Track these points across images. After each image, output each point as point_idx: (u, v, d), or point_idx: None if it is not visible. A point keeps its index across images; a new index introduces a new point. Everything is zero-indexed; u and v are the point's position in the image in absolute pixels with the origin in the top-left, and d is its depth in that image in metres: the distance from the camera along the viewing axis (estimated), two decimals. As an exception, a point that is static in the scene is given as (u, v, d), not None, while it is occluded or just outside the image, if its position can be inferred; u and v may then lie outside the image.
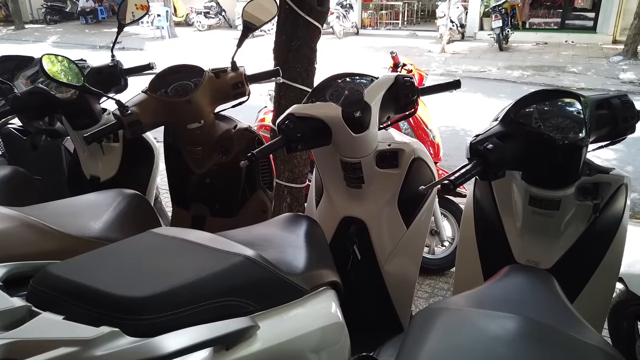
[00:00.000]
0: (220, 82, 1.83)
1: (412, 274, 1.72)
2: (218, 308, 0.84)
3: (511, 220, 1.45)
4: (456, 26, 13.58)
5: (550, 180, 1.29)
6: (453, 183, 1.17)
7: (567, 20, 14.30)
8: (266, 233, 1.24)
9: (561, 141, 1.21)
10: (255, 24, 1.86)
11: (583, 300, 1.40)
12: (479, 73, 9.76)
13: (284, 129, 1.46)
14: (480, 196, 1.55)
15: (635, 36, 10.43)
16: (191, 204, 2.02)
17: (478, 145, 1.23)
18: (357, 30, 15.96)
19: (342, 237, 1.70)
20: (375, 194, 1.64)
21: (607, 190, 1.35)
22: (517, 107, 1.31)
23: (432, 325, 0.77)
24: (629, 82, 8.66)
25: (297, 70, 2.26)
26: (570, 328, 0.82)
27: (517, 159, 1.25)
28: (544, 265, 1.40)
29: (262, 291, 0.94)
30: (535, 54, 11.77)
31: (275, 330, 0.92)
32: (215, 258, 0.92)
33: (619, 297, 1.78)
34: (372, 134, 1.52)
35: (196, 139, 1.84)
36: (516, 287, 1.00)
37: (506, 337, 0.72)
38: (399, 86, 1.55)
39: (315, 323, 1.04)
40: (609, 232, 1.38)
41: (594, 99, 1.30)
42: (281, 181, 2.43)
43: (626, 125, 1.30)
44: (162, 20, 14.88)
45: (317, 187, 1.82)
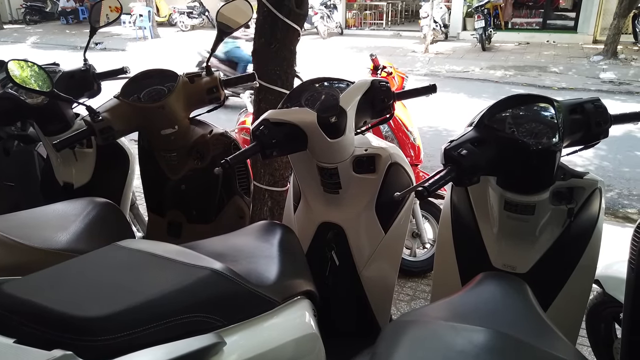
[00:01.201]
0: (195, 86, 1.80)
1: (391, 278, 1.71)
2: (183, 325, 0.81)
3: (487, 225, 1.45)
4: (439, 26, 13.66)
5: (524, 186, 1.29)
6: (427, 190, 1.16)
7: (549, 20, 14.49)
8: (238, 243, 1.21)
9: (535, 146, 1.21)
10: (231, 27, 1.83)
11: (559, 303, 1.40)
12: (462, 73, 9.82)
13: (258, 135, 1.43)
14: (457, 201, 1.54)
15: (614, 36, 10.59)
16: (167, 211, 1.99)
17: (452, 151, 1.22)
18: (342, 30, 15.97)
19: (320, 243, 1.68)
20: (352, 199, 1.63)
21: (581, 194, 1.35)
22: (491, 113, 1.31)
23: (399, 340, 0.75)
24: (609, 82, 8.78)
25: (276, 73, 2.24)
26: (540, 340, 0.81)
27: (492, 164, 1.25)
28: (520, 270, 1.40)
29: (230, 305, 0.91)
30: (518, 54, 11.89)
31: (244, 345, 0.90)
32: (180, 272, 0.89)
33: (596, 300, 1.79)
34: (348, 139, 1.51)
35: (171, 144, 1.81)
36: (489, 296, 0.99)
37: (473, 351, 0.70)
38: (375, 91, 1.53)
39: (288, 335, 1.02)
40: (584, 236, 1.38)
41: (567, 104, 1.30)
42: (262, 185, 2.40)
43: (599, 130, 1.30)
44: (144, 20, 14.72)
45: (294, 192, 1.80)
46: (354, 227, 1.65)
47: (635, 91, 8.15)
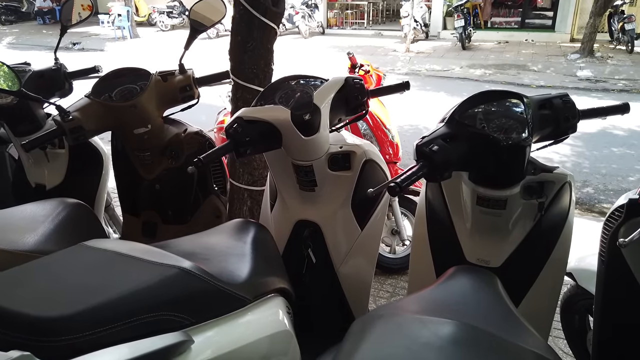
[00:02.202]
0: (168, 85, 1.78)
1: (368, 275, 1.72)
2: (149, 324, 0.80)
3: (461, 220, 1.46)
4: (420, 26, 13.76)
5: (496, 180, 1.30)
6: (399, 185, 1.16)
7: (527, 19, 14.70)
8: (210, 242, 1.20)
9: (505, 141, 1.22)
10: (204, 24, 1.81)
11: (532, 296, 1.42)
12: (442, 72, 9.91)
13: (232, 133, 1.42)
14: (432, 197, 1.55)
15: (591, 34, 10.79)
16: (142, 211, 1.96)
17: (424, 147, 1.22)
18: (323, 29, 15.98)
19: (297, 241, 1.67)
20: (328, 197, 1.63)
21: (551, 188, 1.37)
22: (462, 109, 1.31)
23: (365, 334, 0.75)
24: (585, 80, 8.94)
25: (253, 72, 2.23)
26: (508, 332, 0.81)
27: (463, 159, 1.25)
28: (494, 264, 1.42)
29: (199, 303, 0.90)
30: (497, 53, 12.04)
31: (213, 343, 0.89)
32: (147, 271, 0.88)
33: (569, 292, 1.82)
34: (323, 136, 1.50)
35: (144, 144, 1.79)
36: (459, 289, 0.99)
37: (438, 343, 0.71)
38: (349, 88, 1.53)
39: (260, 333, 1.01)
40: (555, 230, 1.40)
41: (537, 100, 1.32)
42: (241, 184, 2.39)
43: (568, 125, 1.31)
44: (123, 20, 14.54)
45: (271, 191, 1.79)
46: (331, 225, 1.65)
47: (611, 88, 8.31)
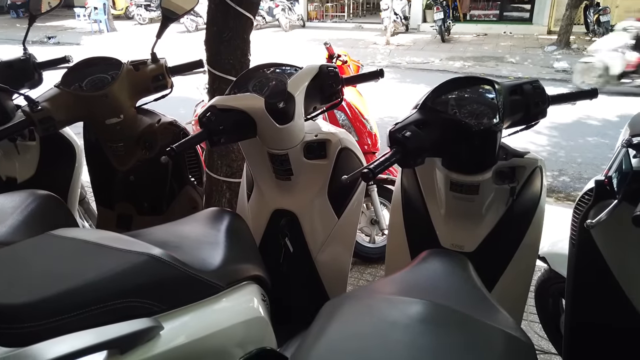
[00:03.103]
0: (140, 74, 1.75)
1: (345, 262, 1.72)
2: (116, 311, 0.79)
3: (435, 206, 1.47)
4: (400, 18, 13.81)
5: (468, 166, 1.31)
6: (372, 171, 1.16)
7: (505, 12, 14.86)
8: (184, 230, 1.19)
9: (476, 127, 1.23)
10: (176, 13, 1.79)
11: (506, 280, 1.44)
12: (422, 64, 9.97)
13: (205, 122, 1.41)
14: (407, 184, 1.56)
15: (567, 26, 10.97)
16: (116, 203, 1.93)
17: (397, 134, 1.23)
18: (304, 22, 15.92)
19: (274, 230, 1.67)
20: (304, 185, 1.62)
21: (522, 173, 1.39)
22: (434, 95, 1.32)
23: (336, 315, 0.76)
24: (562, 71, 9.08)
25: (230, 62, 2.21)
26: (478, 311, 0.82)
27: (436, 145, 1.26)
28: (468, 249, 1.43)
29: (169, 290, 0.90)
30: (476, 45, 12.15)
31: (184, 329, 0.89)
32: (115, 258, 0.87)
33: (543, 276, 1.85)
34: (298, 124, 1.50)
35: (117, 134, 1.76)
36: (430, 272, 1.00)
37: (404, 321, 0.71)
38: (324, 76, 1.53)
39: (233, 319, 1.01)
40: (527, 214, 1.42)
41: (507, 85, 1.33)
42: (219, 176, 2.37)
43: (537, 110, 1.33)
44: (99, 13, 14.28)
45: (247, 180, 1.78)
46: (307, 213, 1.65)
47: (586, 80, 8.47)
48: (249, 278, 1.15)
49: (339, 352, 0.64)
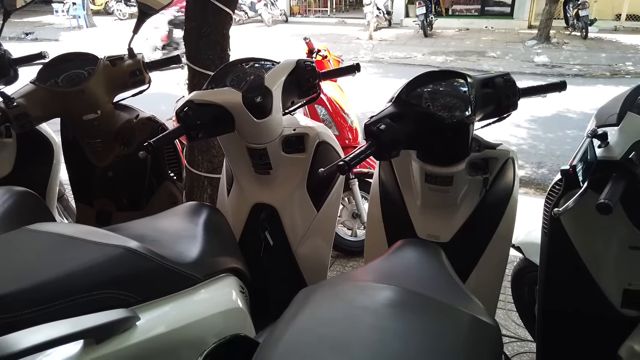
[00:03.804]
0: (117, 70, 1.75)
1: (325, 255, 1.75)
2: (92, 302, 0.80)
3: (412, 198, 1.50)
4: (383, 13, 13.84)
5: (442, 158, 1.33)
6: (348, 164, 1.18)
7: (487, 7, 15.00)
8: (161, 224, 1.20)
9: (449, 120, 1.25)
10: (153, 8, 1.78)
11: (480, 269, 1.47)
12: (405, 59, 10.02)
13: (182, 117, 1.42)
14: (384, 177, 1.58)
15: (547, 21, 11.10)
16: (95, 200, 1.93)
17: (372, 127, 1.24)
18: (286, 18, 15.87)
19: (254, 224, 1.69)
20: (283, 179, 1.64)
21: (495, 164, 1.42)
22: (408, 89, 1.34)
23: (308, 301, 0.78)
24: (542, 65, 9.21)
25: (209, 58, 2.21)
26: (447, 297, 0.85)
27: (410, 138, 1.28)
28: (443, 239, 1.46)
29: (145, 282, 0.91)
30: (458, 40, 12.24)
31: (161, 320, 0.90)
32: (91, 251, 0.88)
33: (518, 266, 1.90)
34: (276, 119, 1.51)
35: (94, 130, 1.75)
36: (403, 260, 1.03)
37: (373, 306, 0.74)
38: (301, 70, 1.55)
39: (210, 310, 1.02)
40: (500, 204, 1.45)
41: (479, 79, 1.36)
42: (200, 172, 2.37)
43: (509, 102, 1.36)
44: (78, 9, 14.04)
45: (227, 175, 1.80)
46: (287, 207, 1.66)
47: (566, 73, 8.59)
48: (227, 270, 1.16)
49: (309, 337, 0.66)
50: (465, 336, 0.72)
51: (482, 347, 0.73)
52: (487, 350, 0.73)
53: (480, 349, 0.71)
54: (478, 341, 0.73)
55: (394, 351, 0.63)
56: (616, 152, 1.07)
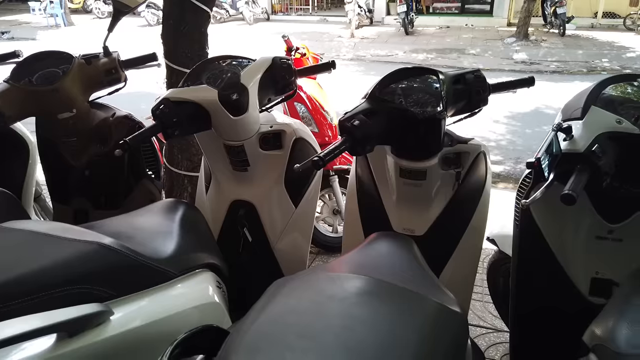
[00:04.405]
0: (92, 68, 1.74)
1: (304, 249, 1.77)
2: (65, 297, 0.81)
3: (387, 192, 1.52)
4: (364, 11, 13.89)
5: (415, 152, 1.36)
6: (322, 159, 1.20)
7: (467, 4, 15.16)
8: (138, 221, 1.21)
9: (421, 115, 1.28)
10: (128, 5, 1.78)
11: (455, 261, 1.50)
12: (386, 57, 10.08)
13: (158, 115, 1.42)
14: (361, 172, 1.61)
15: (525, 18, 11.27)
16: (72, 199, 1.92)
17: (346, 123, 1.27)
18: (268, 16, 15.83)
19: (233, 221, 1.70)
20: (261, 176, 1.65)
21: (467, 159, 1.45)
22: (381, 85, 1.37)
23: (279, 292, 0.79)
24: (521, 62, 9.35)
25: (187, 56, 2.20)
26: (414, 285, 0.87)
27: (384, 133, 1.31)
28: (418, 232, 1.49)
29: (120, 277, 0.92)
30: (439, 38, 12.35)
31: (135, 314, 0.91)
32: (64, 247, 0.88)
33: (493, 258, 1.94)
34: (253, 116, 1.52)
35: (70, 129, 1.75)
36: (375, 252, 1.05)
37: (342, 295, 0.76)
38: (277, 68, 1.56)
39: (186, 304, 1.04)
40: (473, 198, 1.49)
41: (451, 75, 1.39)
42: (180, 170, 2.37)
43: (479, 98, 1.39)
44: (55, 7, 13.82)
45: (205, 173, 1.80)
46: (265, 204, 1.68)
47: (544, 70, 8.75)
48: (203, 266, 1.17)
49: (277, 326, 0.68)
50: (430, 322, 0.75)
51: (446, 333, 0.75)
52: (452, 336, 0.76)
53: (445, 335, 0.74)
54: (443, 328, 0.76)
55: (358, 336, 0.65)
56: (580, 144, 1.10)
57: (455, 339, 0.77)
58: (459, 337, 0.79)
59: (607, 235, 1.31)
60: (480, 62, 9.39)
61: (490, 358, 2.01)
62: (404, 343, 0.65)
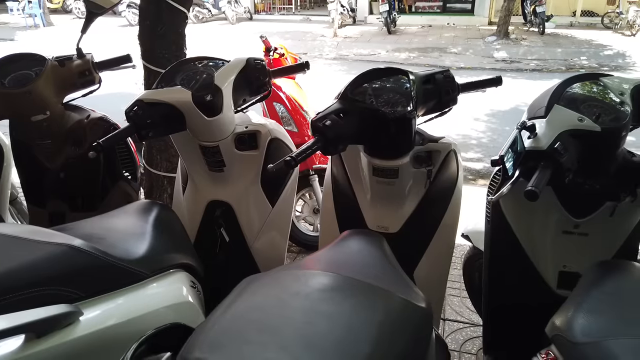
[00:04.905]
0: (66, 70, 1.73)
1: (282, 248, 1.79)
2: (33, 299, 0.82)
3: (362, 191, 1.55)
4: (347, 10, 13.93)
5: (387, 151, 1.39)
6: (294, 159, 1.22)
7: (449, 3, 15.29)
8: (111, 222, 1.21)
9: (391, 115, 1.31)
10: (103, 7, 1.77)
11: (429, 257, 1.53)
12: (369, 56, 10.14)
13: (132, 116, 1.42)
14: (336, 171, 1.63)
15: (505, 17, 11.41)
16: (48, 201, 1.91)
17: (318, 123, 1.28)
18: (251, 15, 15.79)
19: (210, 222, 1.71)
20: (238, 176, 1.66)
21: (438, 157, 1.48)
22: (353, 86, 1.39)
23: (247, 289, 0.81)
24: (502, 60, 9.47)
25: (165, 57, 2.20)
26: (382, 282, 0.89)
27: (356, 133, 1.33)
28: (392, 229, 1.52)
29: (89, 279, 0.92)
30: (421, 37, 12.45)
31: (105, 315, 0.92)
32: (31, 249, 0.89)
33: (468, 254, 1.98)
34: (227, 117, 1.54)
35: (44, 131, 1.74)
36: (345, 249, 1.07)
37: (306, 291, 0.78)
38: (251, 69, 1.57)
39: (158, 304, 1.05)
40: (445, 195, 1.52)
41: (421, 75, 1.41)
42: (159, 172, 2.37)
43: (449, 98, 1.42)
44: (34, 7, 13.61)
45: (182, 174, 1.81)
46: (242, 203, 1.69)
47: (524, 68, 8.87)
48: (177, 266, 1.18)
49: (240, 322, 0.70)
50: (392, 317, 0.77)
51: (408, 327, 0.77)
52: (413, 330, 0.78)
53: (406, 329, 0.76)
54: (404, 322, 0.78)
55: (317, 330, 0.67)
56: (543, 142, 1.14)
57: (417, 332, 0.79)
58: (422, 331, 0.81)
59: (573, 229, 1.36)
60: (462, 61, 9.49)
61: (467, 352, 2.05)
62: (362, 336, 0.68)
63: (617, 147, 1.20)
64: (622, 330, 0.83)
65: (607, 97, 1.24)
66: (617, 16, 12.59)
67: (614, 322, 0.87)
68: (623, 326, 0.85)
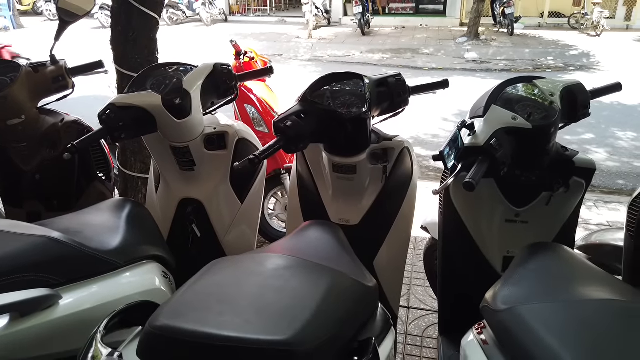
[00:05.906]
0: (40, 76, 1.80)
1: (251, 241, 1.89)
2: (16, 284, 0.90)
3: (324, 187, 1.66)
4: (321, 12, 14.06)
5: (345, 149, 1.50)
6: (258, 157, 1.33)
7: (422, 5, 15.55)
8: (86, 218, 1.30)
9: (348, 115, 1.42)
10: (76, 14, 1.84)
11: (388, 246, 1.65)
12: (343, 57, 10.27)
13: (105, 119, 1.50)
14: (301, 169, 1.74)
15: (476, 19, 11.68)
16: (24, 202, 1.97)
17: (279, 123, 1.39)
18: (226, 17, 15.78)
19: (182, 219, 1.79)
20: (208, 175, 1.76)
21: (392, 154, 1.60)
22: (312, 89, 1.50)
23: (207, 272, 0.91)
24: (472, 61, 9.69)
25: (137, 61, 2.27)
26: (333, 264, 1.00)
27: (315, 132, 1.44)
28: (353, 222, 1.63)
29: (67, 267, 1.01)
30: (394, 38, 12.65)
31: (82, 298, 1.02)
32: (12, 240, 0.97)
33: (428, 244, 2.11)
34: (196, 119, 1.63)
35: (19, 135, 1.81)
36: (303, 237, 1.18)
37: (260, 270, 0.88)
38: (218, 74, 1.67)
39: (131, 290, 1.14)
40: (401, 189, 1.64)
41: (375, 79, 1.53)
42: (134, 173, 2.43)
43: (400, 99, 1.55)
44: (3, 9, 13.35)
45: (155, 174, 1.89)
46: (212, 201, 1.78)
47: (493, 69, 9.11)
48: (150, 257, 1.28)
49: (202, 295, 0.80)
50: (338, 291, 0.88)
51: (352, 301, 0.89)
52: (356, 302, 0.90)
53: (348, 300, 0.88)
54: (348, 295, 0.89)
55: (268, 300, 0.78)
56: (480, 139, 1.26)
57: (361, 306, 0.91)
58: (366, 305, 0.93)
59: (515, 218, 1.49)
60: (434, 62, 9.69)
61: (429, 337, 2.18)
62: (306, 304, 0.79)
63: (548, 142, 1.34)
64: (534, 299, 0.96)
65: (539, 98, 1.38)
66: (583, 17, 12.99)
67: (529, 291, 1.00)
68: (535, 295, 0.98)
